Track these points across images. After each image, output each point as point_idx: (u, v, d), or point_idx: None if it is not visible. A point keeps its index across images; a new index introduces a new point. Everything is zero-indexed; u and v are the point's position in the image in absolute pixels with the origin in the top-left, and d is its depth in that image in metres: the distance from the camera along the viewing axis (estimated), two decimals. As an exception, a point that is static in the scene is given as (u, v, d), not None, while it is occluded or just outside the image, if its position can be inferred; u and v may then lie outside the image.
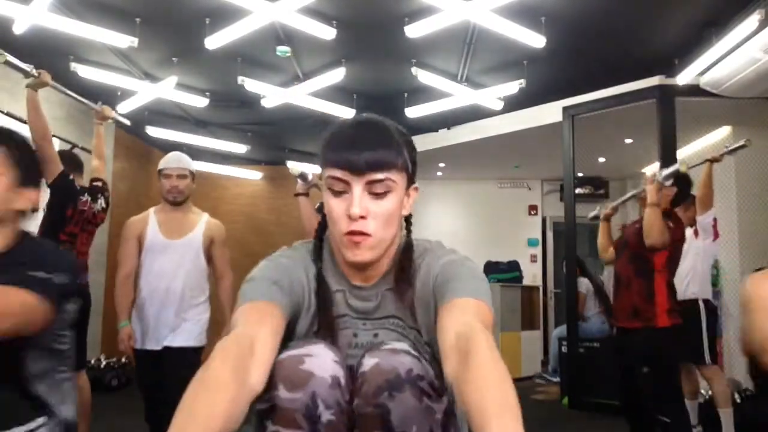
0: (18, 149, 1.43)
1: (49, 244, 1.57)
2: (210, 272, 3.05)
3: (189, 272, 2.91)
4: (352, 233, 1.02)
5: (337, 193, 1.03)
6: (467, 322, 0.91)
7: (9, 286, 1.28)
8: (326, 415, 0.93)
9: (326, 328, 1.08)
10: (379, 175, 1.01)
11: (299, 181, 3.17)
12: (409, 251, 1.12)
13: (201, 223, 3.01)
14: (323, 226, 1.14)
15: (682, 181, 3.15)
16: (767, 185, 5.31)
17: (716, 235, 4.05)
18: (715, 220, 3.96)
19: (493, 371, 0.80)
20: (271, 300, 1.00)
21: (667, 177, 2.87)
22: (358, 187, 1.01)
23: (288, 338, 1.03)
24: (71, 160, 3.70)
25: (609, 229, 3.46)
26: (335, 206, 1.03)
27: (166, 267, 2.85)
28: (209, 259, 3.01)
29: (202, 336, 2.90)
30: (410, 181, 1.11)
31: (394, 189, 1.04)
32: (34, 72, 3.20)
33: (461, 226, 8.33)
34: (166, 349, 2.77)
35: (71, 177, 3.34)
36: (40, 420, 1.36)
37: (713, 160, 3.82)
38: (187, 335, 2.82)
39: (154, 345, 2.79)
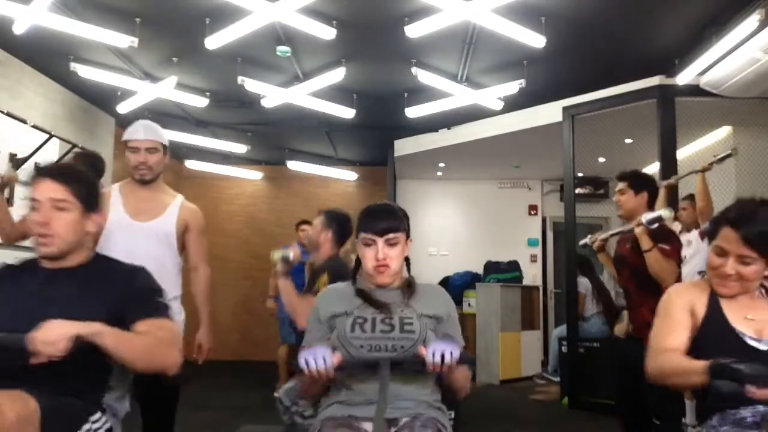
0: (79, 183, 1.65)
1: (130, 264, 1.76)
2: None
3: (160, 261, 2.43)
4: (377, 266, 1.75)
5: (368, 246, 1.75)
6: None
7: (157, 318, 1.61)
8: None
9: (372, 302, 1.77)
10: (391, 235, 1.75)
11: (281, 264, 2.82)
12: (413, 282, 1.87)
13: (175, 205, 2.58)
14: (356, 269, 1.87)
15: (647, 183, 3.13)
16: (767, 185, 5.31)
17: None
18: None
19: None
20: (315, 340, 1.77)
21: (650, 221, 2.87)
22: (380, 242, 1.74)
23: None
24: (88, 161, 3.60)
25: (608, 257, 3.42)
26: (368, 253, 1.75)
27: (133, 254, 2.26)
28: (182, 248, 2.60)
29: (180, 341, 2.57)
30: (407, 236, 1.81)
31: (400, 241, 1.77)
32: None
33: (461, 226, 8.32)
34: None
35: None
36: (97, 415, 1.57)
37: (703, 170, 3.82)
38: None
39: None
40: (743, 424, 1.54)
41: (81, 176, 1.69)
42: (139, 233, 2.45)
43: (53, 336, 1.39)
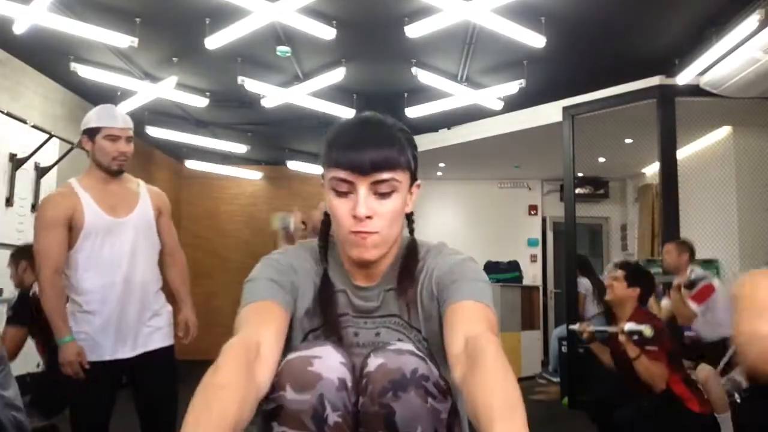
0: None
1: None
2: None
3: (146, 254, 2.38)
4: (357, 232, 1.03)
5: (342, 194, 1.03)
6: (475, 328, 0.94)
7: None
8: (333, 417, 0.94)
9: (331, 326, 1.09)
10: (384, 176, 1.02)
11: (281, 232, 2.86)
12: (415, 251, 1.12)
13: (144, 192, 2.46)
14: (327, 226, 1.14)
15: (643, 280, 3.15)
16: (767, 185, 5.31)
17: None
18: (702, 291, 3.99)
19: (500, 374, 0.83)
20: (273, 299, 1.03)
21: (631, 333, 2.90)
22: (363, 187, 1.01)
23: (290, 335, 1.06)
24: (30, 255, 3.50)
25: (600, 348, 3.43)
26: (340, 206, 1.03)
27: (120, 252, 2.30)
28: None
29: (172, 332, 2.45)
30: (413, 178, 1.11)
31: (399, 189, 1.05)
32: None
33: (461, 226, 8.32)
34: (141, 355, 2.31)
35: (13, 311, 3.34)
36: None
37: (679, 288, 3.93)
38: (163, 334, 2.38)
39: (126, 352, 2.28)
40: None
41: None
42: (122, 230, 2.32)
43: None
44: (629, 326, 2.90)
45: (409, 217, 1.17)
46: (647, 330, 2.83)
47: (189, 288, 2.62)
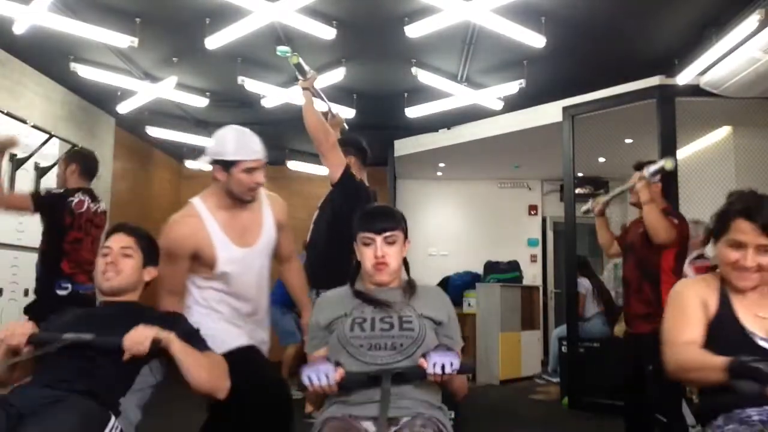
0: (143, 239, 2.02)
1: (164, 312, 2.07)
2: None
3: (267, 275, 2.34)
4: (377, 264, 1.78)
5: (367, 245, 1.79)
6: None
7: (210, 352, 1.89)
8: None
9: (373, 303, 1.78)
10: (389, 233, 1.79)
11: (299, 77, 2.89)
12: (413, 283, 1.88)
13: (267, 210, 2.32)
14: (356, 271, 1.88)
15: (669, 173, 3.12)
16: (767, 185, 5.31)
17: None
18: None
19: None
20: (316, 349, 1.82)
21: (653, 174, 2.83)
22: (379, 240, 1.78)
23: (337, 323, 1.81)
24: (82, 160, 3.63)
25: (606, 222, 3.36)
26: (367, 252, 1.79)
27: (250, 283, 2.26)
28: None
29: None
30: (405, 237, 1.85)
31: (398, 240, 1.81)
32: None
33: (461, 226, 8.32)
34: None
35: (44, 193, 3.43)
36: (111, 422, 1.67)
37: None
38: (267, 348, 2.41)
39: None
40: (749, 422, 1.49)
41: (145, 234, 2.05)
42: (252, 259, 2.25)
43: (140, 337, 1.71)
44: (650, 168, 2.80)
45: (406, 262, 1.90)
46: (668, 162, 2.76)
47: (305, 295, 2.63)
